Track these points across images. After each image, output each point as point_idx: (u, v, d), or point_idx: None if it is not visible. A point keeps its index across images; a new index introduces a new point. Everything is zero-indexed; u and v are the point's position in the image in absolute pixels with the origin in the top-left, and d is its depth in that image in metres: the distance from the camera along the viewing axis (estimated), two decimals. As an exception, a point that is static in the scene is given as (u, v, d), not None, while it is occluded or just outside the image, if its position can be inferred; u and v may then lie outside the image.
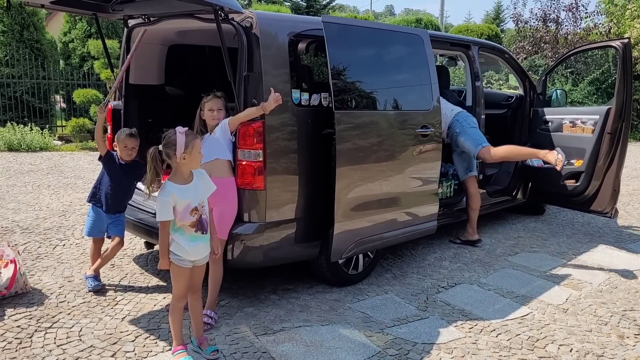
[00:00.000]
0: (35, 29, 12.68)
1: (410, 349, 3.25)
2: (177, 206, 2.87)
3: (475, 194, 5.25)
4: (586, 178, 5.37)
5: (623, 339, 3.48)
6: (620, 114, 5.17)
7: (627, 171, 8.07)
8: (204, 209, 2.97)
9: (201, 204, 2.95)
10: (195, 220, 2.92)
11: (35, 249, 4.77)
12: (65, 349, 3.09)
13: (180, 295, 3.01)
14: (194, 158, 2.89)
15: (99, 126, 3.92)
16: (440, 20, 28.44)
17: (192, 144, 2.87)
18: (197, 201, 2.92)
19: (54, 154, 10.43)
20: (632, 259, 5.07)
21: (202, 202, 2.95)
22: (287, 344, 3.23)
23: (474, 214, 5.27)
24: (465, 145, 5.04)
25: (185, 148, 2.85)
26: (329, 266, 3.96)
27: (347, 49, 3.83)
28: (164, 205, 2.85)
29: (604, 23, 17.65)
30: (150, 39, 4.51)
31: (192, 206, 2.90)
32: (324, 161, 3.72)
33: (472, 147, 4.98)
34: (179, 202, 2.86)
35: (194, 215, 2.91)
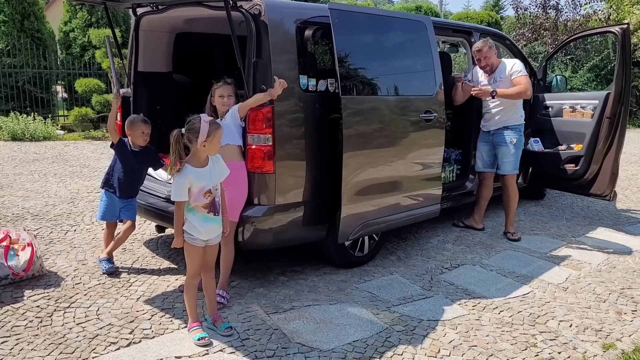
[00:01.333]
0: (36, 18, 12.70)
1: (416, 325, 3.37)
2: (192, 188, 2.99)
3: (516, 192, 5.26)
4: (585, 162, 5.48)
5: (621, 315, 3.60)
6: (620, 98, 5.26)
7: (625, 156, 8.18)
8: (217, 192, 3.08)
9: (214, 187, 3.06)
10: (209, 202, 3.03)
11: (47, 235, 4.88)
12: (85, 326, 3.21)
13: (193, 273, 3.13)
14: (213, 146, 3.02)
15: (112, 114, 4.01)
16: (439, 7, 28.41)
17: (214, 134, 2.99)
18: (210, 184, 3.03)
19: (57, 143, 10.51)
20: (629, 240, 5.19)
21: (215, 185, 3.06)
22: (298, 322, 3.35)
23: (484, 203, 5.39)
24: (506, 157, 5.08)
25: (207, 137, 2.97)
26: (336, 248, 4.07)
27: (353, 35, 3.91)
28: (180, 187, 2.96)
29: (604, 9, 17.66)
30: (158, 27, 4.60)
31: (206, 189, 3.01)
32: (331, 146, 3.82)
33: (511, 166, 5.10)
34: (194, 184, 2.98)
35: (208, 198, 3.02)
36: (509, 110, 5.10)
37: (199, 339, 3.04)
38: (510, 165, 5.10)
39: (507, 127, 5.09)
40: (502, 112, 5.11)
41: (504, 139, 5.07)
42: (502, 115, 5.11)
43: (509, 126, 5.09)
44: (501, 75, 5.02)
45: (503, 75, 5.01)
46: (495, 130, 5.14)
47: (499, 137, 5.12)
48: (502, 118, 5.11)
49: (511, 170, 5.10)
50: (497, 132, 5.13)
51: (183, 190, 2.97)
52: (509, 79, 4.98)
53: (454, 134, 5.58)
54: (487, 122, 5.23)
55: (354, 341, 3.15)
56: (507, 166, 5.11)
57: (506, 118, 5.11)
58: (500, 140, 5.11)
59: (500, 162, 5.14)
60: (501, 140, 5.10)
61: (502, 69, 5.03)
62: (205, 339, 3.05)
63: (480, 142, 5.34)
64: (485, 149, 5.28)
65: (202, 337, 3.06)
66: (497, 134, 5.14)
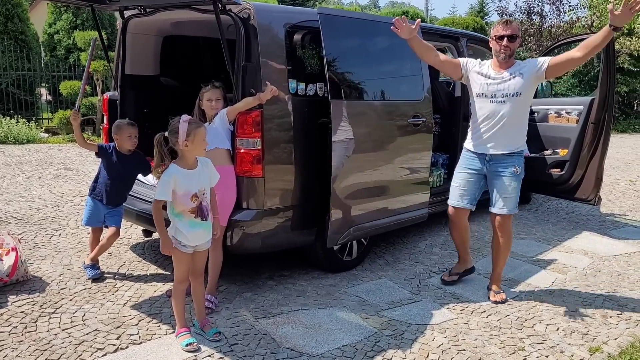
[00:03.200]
0: (20, 20, 12.56)
1: (405, 330, 3.37)
2: (177, 189, 2.95)
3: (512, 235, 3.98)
4: (571, 167, 5.54)
5: (606, 319, 3.64)
6: (604, 104, 5.33)
7: (609, 161, 8.30)
8: (204, 196, 3.04)
9: (202, 191, 3.03)
10: (195, 206, 3.00)
11: (31, 239, 4.81)
12: (71, 332, 3.17)
13: (181, 279, 3.10)
14: (196, 146, 2.96)
15: (77, 133, 3.89)
16: (425, 12, 28.62)
17: (194, 132, 2.94)
18: (197, 188, 3.00)
19: (41, 146, 10.38)
20: (614, 244, 5.26)
21: (203, 189, 3.03)
22: (287, 326, 3.33)
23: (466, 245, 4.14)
24: (507, 192, 3.74)
25: (187, 136, 2.93)
26: (325, 252, 4.07)
27: (342, 40, 3.92)
28: (164, 185, 2.93)
29: (587, 16, 17.92)
30: (145, 30, 4.57)
31: (192, 192, 2.98)
32: (320, 150, 3.82)
33: (513, 203, 3.77)
34: (179, 185, 2.94)
35: (194, 202, 2.99)
36: (521, 128, 3.75)
37: (187, 345, 3.01)
38: (512, 203, 3.76)
39: (514, 152, 3.73)
40: (512, 131, 3.68)
41: (507, 169, 3.72)
42: (511, 136, 3.69)
43: (515, 151, 3.74)
44: (522, 70, 3.61)
45: (526, 69, 3.61)
46: (494, 156, 3.75)
47: (499, 165, 3.73)
48: (512, 139, 3.70)
49: (513, 208, 3.77)
50: (497, 159, 3.74)
51: (166, 189, 2.92)
52: (536, 75, 3.60)
53: (441, 138, 5.62)
54: (484, 144, 3.75)
55: (343, 346, 3.14)
56: (509, 203, 3.75)
57: (516, 139, 3.73)
58: (499, 169, 3.73)
59: (497, 199, 3.77)
60: (502, 170, 3.73)
61: (525, 63, 3.70)
62: (194, 345, 3.02)
63: (463, 168, 3.90)
64: (471, 180, 3.86)
65: (190, 342, 3.03)
66: (496, 162, 3.74)
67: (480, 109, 3.74)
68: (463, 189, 3.88)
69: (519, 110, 3.67)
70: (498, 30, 3.66)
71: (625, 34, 16.35)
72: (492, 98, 3.67)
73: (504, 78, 3.64)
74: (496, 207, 3.79)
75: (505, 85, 3.63)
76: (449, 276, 4.10)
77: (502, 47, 3.63)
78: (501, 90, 3.64)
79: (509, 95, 3.62)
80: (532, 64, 3.64)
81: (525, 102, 3.68)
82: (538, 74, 3.60)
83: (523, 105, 3.69)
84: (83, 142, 3.91)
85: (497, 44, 3.66)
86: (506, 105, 3.63)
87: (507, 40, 3.61)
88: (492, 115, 3.68)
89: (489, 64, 3.76)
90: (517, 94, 3.61)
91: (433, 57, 3.82)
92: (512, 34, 3.60)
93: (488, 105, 3.69)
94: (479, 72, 3.76)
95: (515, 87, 3.60)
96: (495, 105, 3.66)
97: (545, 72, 3.58)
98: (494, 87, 3.67)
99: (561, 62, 3.56)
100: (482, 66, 3.78)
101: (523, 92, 3.61)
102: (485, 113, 3.71)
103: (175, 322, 3.15)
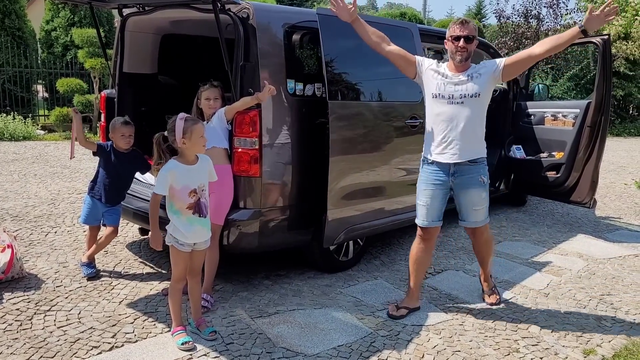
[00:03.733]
0: (17, 16, 12.54)
1: (400, 330, 3.38)
2: (175, 184, 2.95)
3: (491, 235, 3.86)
4: (566, 170, 5.57)
5: (601, 321, 3.65)
6: (600, 108, 5.36)
7: (604, 165, 8.33)
8: (203, 193, 3.05)
9: (201, 188, 3.03)
10: (193, 202, 3.00)
11: (27, 236, 4.80)
12: (66, 330, 3.17)
13: (178, 277, 3.10)
14: (194, 143, 2.97)
15: (79, 130, 3.88)
16: (422, 14, 28.65)
17: (190, 129, 2.95)
18: (196, 183, 3.00)
19: (37, 143, 10.36)
20: (609, 247, 5.28)
21: (202, 185, 3.04)
22: (282, 326, 3.34)
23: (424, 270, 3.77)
24: (479, 203, 3.53)
25: (184, 133, 2.94)
26: (321, 252, 4.08)
27: (340, 40, 3.93)
28: (161, 179, 2.95)
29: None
30: (144, 29, 4.57)
31: (190, 188, 2.98)
32: (317, 150, 3.82)
33: (484, 214, 3.58)
34: (177, 181, 2.95)
35: (192, 197, 2.99)
36: (481, 133, 3.50)
37: (183, 344, 3.01)
38: (484, 213, 3.58)
39: (477, 160, 3.48)
40: (472, 135, 3.43)
41: (475, 178, 3.47)
42: (472, 141, 3.44)
43: (477, 159, 3.49)
44: (480, 71, 3.41)
45: (484, 71, 3.41)
46: (459, 167, 3.45)
47: (465, 177, 3.46)
48: (473, 145, 3.45)
49: (486, 218, 3.60)
50: (462, 171, 3.46)
51: (163, 183, 2.94)
52: (493, 76, 3.41)
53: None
54: (444, 152, 3.45)
55: (338, 346, 3.15)
56: (481, 215, 3.57)
57: (477, 145, 3.48)
58: (466, 182, 3.47)
59: (468, 212, 3.55)
60: (469, 183, 3.46)
61: (481, 64, 3.50)
62: (189, 344, 3.02)
63: (427, 185, 3.54)
64: (439, 197, 3.53)
65: (186, 341, 3.03)
66: (461, 174, 3.46)
67: (436, 112, 3.45)
68: (432, 207, 3.55)
69: (478, 112, 3.43)
70: (454, 30, 3.39)
71: (621, 38, 16.45)
72: (450, 99, 3.40)
73: (462, 79, 3.40)
74: (469, 220, 3.58)
75: (464, 86, 3.38)
76: (397, 310, 3.59)
77: (458, 49, 3.37)
78: (459, 91, 3.38)
79: (468, 96, 3.37)
80: (490, 64, 3.45)
81: (484, 103, 3.44)
82: (495, 74, 3.40)
83: (482, 108, 3.45)
84: (83, 141, 3.90)
85: (453, 45, 3.39)
86: (465, 107, 3.37)
87: (463, 41, 3.35)
88: (450, 119, 3.40)
89: (445, 66, 3.51)
90: (476, 94, 3.37)
91: (382, 47, 3.53)
92: (469, 34, 3.36)
93: (445, 107, 3.41)
94: (435, 70, 3.49)
95: (474, 88, 3.36)
96: (454, 107, 3.39)
97: (502, 73, 3.40)
98: (452, 88, 3.40)
99: (518, 61, 3.39)
100: (438, 66, 3.52)
101: (482, 93, 3.38)
102: (443, 116, 3.42)
103: (171, 320, 3.15)
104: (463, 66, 3.42)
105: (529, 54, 3.37)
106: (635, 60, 16.45)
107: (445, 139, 3.43)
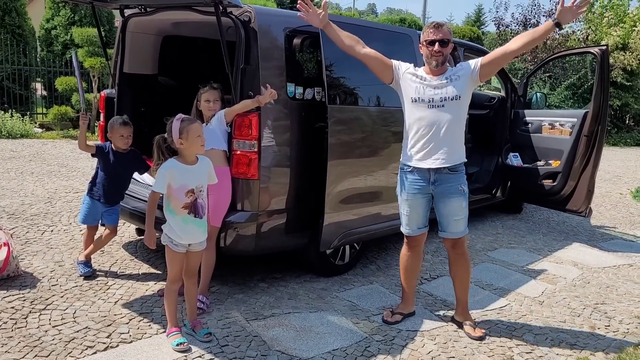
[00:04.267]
0: (18, 14, 12.52)
1: (395, 335, 3.39)
2: (173, 183, 2.97)
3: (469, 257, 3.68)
4: (563, 178, 5.59)
5: (594, 330, 3.67)
6: (597, 117, 5.39)
7: (600, 174, 8.37)
8: (201, 194, 3.05)
9: (199, 188, 3.04)
10: (190, 202, 3.00)
11: (23, 234, 4.79)
12: (61, 329, 3.16)
13: (174, 278, 3.11)
14: (191, 142, 2.98)
15: (82, 134, 3.88)
16: (422, 20, 28.74)
17: (186, 129, 2.96)
18: (194, 184, 3.01)
19: (35, 142, 10.33)
20: (603, 256, 5.30)
21: (200, 186, 3.04)
22: (278, 329, 3.34)
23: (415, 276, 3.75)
24: (459, 212, 3.41)
25: (180, 134, 2.96)
26: (317, 256, 4.08)
27: (341, 45, 3.94)
28: (159, 177, 2.98)
29: (582, 30, 18.10)
30: (145, 29, 4.58)
31: (188, 187, 2.99)
32: (315, 154, 3.84)
33: (464, 224, 3.47)
34: (175, 179, 2.96)
35: (189, 197, 3.00)
36: (462, 136, 3.43)
37: (178, 345, 3.02)
38: (464, 223, 3.46)
39: (457, 167, 3.38)
40: (453, 139, 3.34)
41: (455, 187, 3.37)
42: (453, 145, 3.35)
43: (458, 167, 3.39)
44: (458, 73, 3.33)
45: (462, 73, 3.33)
46: (439, 175, 3.35)
47: (445, 186, 3.36)
48: (454, 149, 3.36)
49: (465, 229, 3.48)
50: (442, 180, 3.36)
51: (161, 182, 2.96)
52: (471, 77, 3.32)
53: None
54: (425, 158, 3.35)
55: (333, 350, 3.16)
56: (461, 225, 3.44)
57: (458, 150, 3.39)
58: (446, 192, 3.37)
59: (448, 222, 3.43)
60: (449, 192, 3.37)
61: (459, 66, 3.45)
62: (184, 345, 3.03)
63: (408, 194, 3.46)
64: (422, 204, 3.46)
65: (181, 342, 3.03)
66: (440, 182, 3.36)
67: (417, 117, 3.35)
68: (415, 216, 3.49)
69: (459, 115, 3.35)
70: (428, 35, 3.31)
71: (619, 49, 16.53)
72: (430, 103, 3.30)
73: (441, 82, 3.31)
74: (449, 231, 3.45)
75: (444, 89, 3.29)
76: (392, 316, 3.59)
77: (433, 53, 3.29)
78: (439, 94, 3.29)
79: (449, 99, 3.28)
80: (466, 66, 3.36)
81: (464, 106, 3.37)
82: (473, 76, 3.32)
83: (463, 111, 3.38)
84: (84, 145, 3.89)
85: (428, 49, 3.31)
86: (445, 110, 3.28)
87: (438, 45, 3.26)
88: (431, 123, 3.30)
89: (422, 69, 3.42)
90: (456, 97, 3.28)
91: (357, 50, 3.42)
92: (444, 38, 3.28)
93: (426, 111, 3.31)
94: (413, 74, 3.40)
95: (454, 91, 3.27)
96: (434, 111, 3.29)
97: (479, 73, 3.32)
98: (431, 91, 3.31)
99: (494, 59, 3.30)
100: (416, 70, 3.42)
101: (462, 95, 3.30)
102: (424, 121, 3.31)
103: (167, 321, 3.15)
104: (440, 70, 3.34)
105: (504, 51, 3.29)
106: (632, 70, 16.53)
107: (426, 145, 3.33)
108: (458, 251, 3.52)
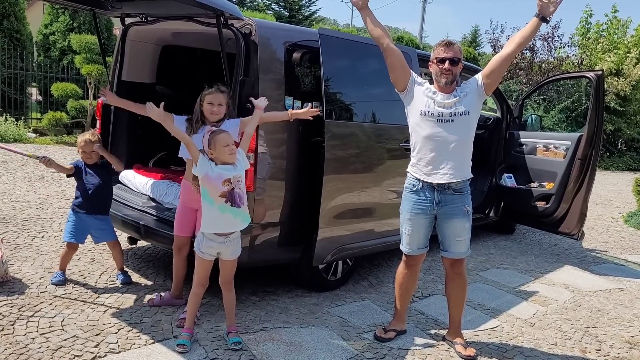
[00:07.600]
0: (16, 18, 12.51)
1: (386, 354, 3.37)
2: (210, 172, 3.06)
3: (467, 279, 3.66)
4: (556, 200, 5.62)
5: (585, 353, 3.66)
6: (591, 141, 5.43)
7: (592, 197, 8.40)
8: (239, 184, 3.12)
9: (236, 178, 3.10)
10: (226, 190, 3.07)
11: (13, 240, 4.74)
12: (48, 337, 3.12)
13: (197, 283, 3.23)
14: (220, 152, 3.08)
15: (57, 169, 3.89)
16: (419, 39, 29.02)
17: (213, 141, 3.07)
18: (231, 173, 3.09)
19: (28, 146, 10.25)
20: (595, 280, 5.31)
21: (238, 176, 3.11)
22: (268, 344, 3.31)
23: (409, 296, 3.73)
24: (463, 233, 3.39)
25: (209, 146, 3.08)
26: (310, 271, 4.06)
27: (340, 61, 3.98)
28: (202, 161, 3.09)
29: (577, 54, 18.32)
30: (145, 38, 4.58)
31: (225, 176, 3.07)
32: (311, 168, 3.83)
33: (467, 245, 3.45)
34: (214, 169, 3.07)
35: (226, 186, 3.07)
36: (469, 153, 3.41)
37: (178, 345, 3.09)
38: (467, 244, 3.44)
39: (462, 188, 3.37)
40: (461, 155, 3.34)
41: (459, 207, 3.35)
42: (462, 160, 3.35)
43: (463, 185, 3.37)
44: (466, 90, 3.33)
45: (469, 89, 3.33)
46: (444, 195, 3.34)
47: (450, 207, 3.35)
48: (462, 164, 3.35)
49: (467, 249, 3.47)
50: (446, 201, 3.34)
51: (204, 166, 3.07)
52: (478, 92, 3.34)
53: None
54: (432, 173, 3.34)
55: (323, 366, 3.13)
56: (463, 246, 3.43)
57: (465, 166, 3.38)
58: (450, 212, 3.35)
59: (451, 242, 3.41)
60: (453, 212, 3.35)
61: (464, 84, 3.39)
62: (184, 347, 3.08)
63: (411, 214, 3.43)
64: (424, 224, 3.43)
65: (183, 344, 3.10)
66: (444, 203, 3.35)
67: (426, 131, 3.32)
68: (416, 236, 3.45)
69: (468, 130, 3.33)
70: (439, 52, 3.30)
71: (613, 74, 16.74)
72: (440, 117, 3.28)
73: (450, 99, 3.29)
74: (451, 251, 3.42)
75: (453, 106, 3.28)
76: (385, 333, 3.58)
77: (443, 71, 3.27)
78: (449, 109, 3.27)
79: (458, 114, 3.26)
80: (472, 82, 3.36)
81: (473, 122, 3.35)
82: (479, 91, 3.32)
83: (471, 126, 3.35)
84: (64, 170, 3.93)
85: (438, 67, 3.29)
86: (455, 125, 3.27)
87: (449, 64, 3.25)
88: (440, 138, 3.28)
89: (432, 86, 3.39)
90: (465, 112, 3.27)
91: (385, 40, 3.36)
92: (454, 57, 3.27)
93: (435, 126, 3.29)
94: (426, 87, 3.38)
95: (463, 107, 3.27)
96: (444, 126, 3.27)
97: (484, 86, 3.33)
98: (441, 108, 3.29)
99: (494, 69, 3.32)
100: (425, 83, 3.41)
101: (471, 110, 3.29)
102: (433, 135, 3.29)
103: (156, 332, 3.13)
104: (448, 89, 3.32)
105: (500, 56, 3.30)
106: (625, 96, 16.75)
107: (435, 159, 3.30)
108: (456, 271, 3.49)
